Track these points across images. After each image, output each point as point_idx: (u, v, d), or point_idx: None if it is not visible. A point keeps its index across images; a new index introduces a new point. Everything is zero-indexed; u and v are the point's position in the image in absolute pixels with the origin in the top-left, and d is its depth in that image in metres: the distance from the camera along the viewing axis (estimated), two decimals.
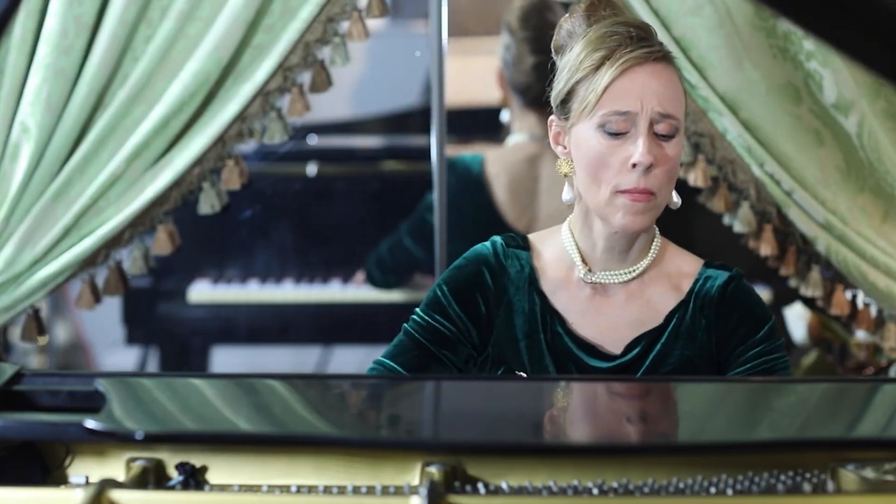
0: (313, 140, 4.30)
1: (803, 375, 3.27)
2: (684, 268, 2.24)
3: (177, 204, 2.69)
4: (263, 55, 2.62)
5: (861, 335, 3.14)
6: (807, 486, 1.76)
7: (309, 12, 2.61)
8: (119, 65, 2.60)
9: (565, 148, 2.19)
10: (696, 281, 2.22)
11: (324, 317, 3.97)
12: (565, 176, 2.20)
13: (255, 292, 3.99)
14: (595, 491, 1.75)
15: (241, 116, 2.64)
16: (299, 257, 4.04)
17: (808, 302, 3.05)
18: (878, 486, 1.75)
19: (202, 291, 4.00)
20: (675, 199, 2.20)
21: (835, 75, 2.59)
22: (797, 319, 3.33)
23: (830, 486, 1.78)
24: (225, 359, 4.47)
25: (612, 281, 2.21)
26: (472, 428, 1.97)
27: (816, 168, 2.66)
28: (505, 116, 3.60)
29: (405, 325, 2.24)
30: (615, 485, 1.77)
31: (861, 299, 2.77)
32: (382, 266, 3.76)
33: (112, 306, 3.80)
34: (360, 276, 3.95)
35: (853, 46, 1.65)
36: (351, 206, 4.00)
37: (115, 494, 1.69)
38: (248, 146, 2.81)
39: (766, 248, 2.73)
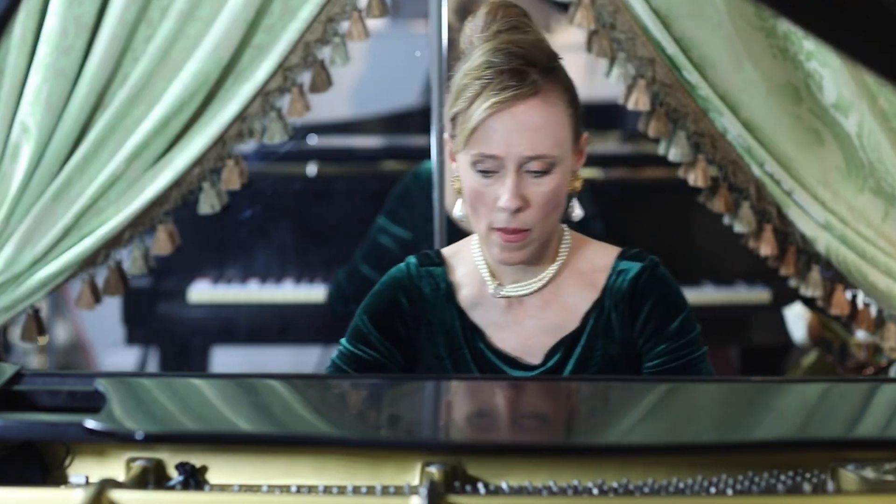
0: (313, 140, 4.30)
1: (803, 375, 3.27)
2: (598, 262, 2.20)
3: (177, 204, 2.69)
4: (263, 55, 2.62)
5: (861, 335, 3.14)
6: (807, 486, 1.76)
7: (309, 12, 2.61)
8: (119, 65, 2.60)
9: (457, 167, 2.15)
10: (610, 275, 2.18)
11: (324, 317, 3.97)
12: (458, 192, 2.16)
13: (255, 292, 3.99)
14: (595, 491, 1.76)
15: (241, 116, 2.64)
16: (299, 257, 4.04)
17: (808, 302, 3.05)
18: (878, 486, 1.75)
19: (202, 291, 4.00)
20: (578, 211, 2.17)
21: (835, 75, 2.59)
22: (797, 319, 3.33)
23: (830, 486, 1.78)
24: (225, 359, 4.47)
25: (521, 293, 2.19)
26: (472, 428, 1.97)
27: (816, 168, 2.66)
28: None
29: (333, 357, 2.23)
30: (615, 485, 1.77)
31: (861, 299, 2.77)
32: (343, 296, 3.74)
33: (112, 306, 3.80)
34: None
35: (853, 46, 1.65)
36: (351, 206, 4.00)
37: (115, 494, 1.69)
38: (248, 146, 2.81)
39: (766, 248, 2.73)
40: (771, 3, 1.66)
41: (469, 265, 2.22)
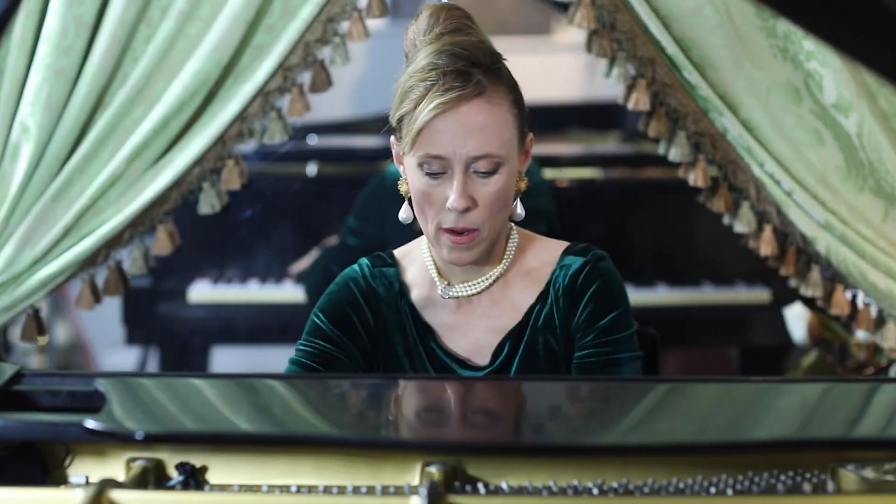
0: (313, 140, 4.30)
1: (803, 375, 3.27)
2: (544, 257, 2.21)
3: (177, 204, 2.69)
4: (263, 55, 2.62)
5: (861, 335, 3.14)
6: (807, 486, 1.76)
7: (309, 12, 2.61)
8: (119, 65, 2.60)
9: (404, 170, 2.16)
10: (554, 270, 2.19)
11: None
12: (405, 195, 2.17)
13: (255, 292, 3.99)
14: (595, 491, 1.76)
15: (241, 116, 2.64)
16: (299, 257, 4.04)
17: (808, 302, 3.05)
18: (878, 486, 1.75)
19: (202, 291, 4.01)
20: (519, 210, 2.18)
21: (835, 75, 2.59)
22: (797, 319, 3.34)
23: (830, 486, 1.78)
24: (225, 359, 4.48)
25: (469, 293, 2.19)
26: (472, 428, 1.97)
27: (816, 168, 2.66)
28: None
29: (291, 356, 2.23)
30: (615, 485, 1.77)
31: (861, 299, 2.77)
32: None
33: (112, 306, 3.80)
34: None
35: (853, 46, 1.65)
36: (351, 206, 4.01)
37: (115, 494, 1.69)
38: (248, 146, 2.81)
39: (766, 248, 2.73)
40: (771, 3, 1.66)
41: (419, 266, 2.23)
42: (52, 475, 1.91)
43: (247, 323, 4.03)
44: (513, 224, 2.21)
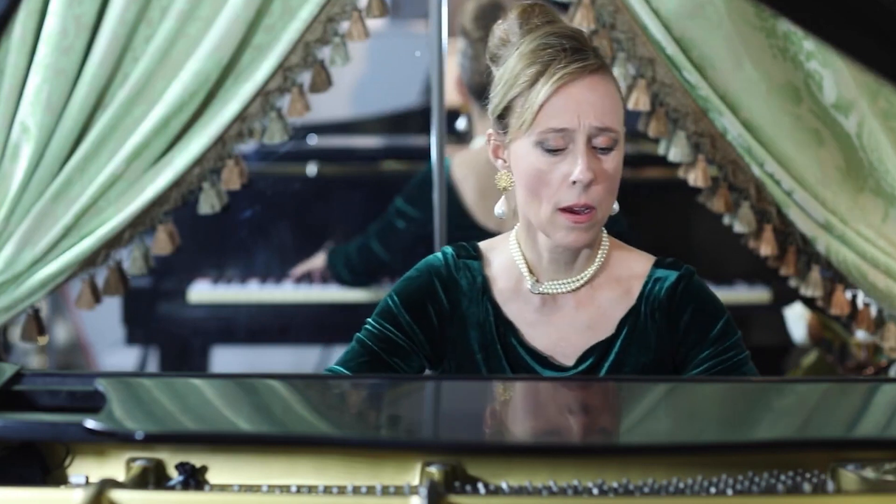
0: (313, 140, 4.30)
1: (803, 375, 3.27)
2: (634, 269, 2.21)
3: (177, 204, 2.69)
4: (263, 55, 2.62)
5: (861, 335, 3.14)
6: (807, 486, 1.76)
7: (309, 12, 2.61)
8: (119, 65, 2.60)
9: (505, 161, 2.16)
10: (646, 283, 2.19)
11: (324, 317, 3.97)
12: (504, 190, 2.17)
13: (255, 292, 3.99)
14: (595, 491, 1.76)
15: (241, 116, 2.64)
16: (299, 257, 4.04)
17: (808, 302, 3.05)
18: (878, 486, 1.75)
19: (202, 291, 4.00)
20: (615, 206, 2.18)
21: (835, 75, 2.59)
22: (797, 319, 3.34)
23: (830, 486, 1.78)
24: (225, 359, 4.47)
25: (559, 291, 2.19)
26: (472, 428, 1.97)
27: (816, 168, 2.66)
28: (461, 124, 3.60)
29: (357, 333, 2.23)
30: (615, 485, 1.77)
31: (861, 299, 2.77)
32: (350, 266, 3.77)
33: (112, 306, 3.80)
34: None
35: (853, 46, 1.65)
36: (351, 206, 4.00)
37: (115, 494, 1.69)
38: (248, 146, 2.81)
39: (766, 248, 2.72)
40: (771, 3, 1.66)
41: (506, 260, 2.22)
42: (52, 475, 1.91)
43: (247, 323, 4.03)
44: (603, 229, 2.21)
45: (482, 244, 2.25)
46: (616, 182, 2.12)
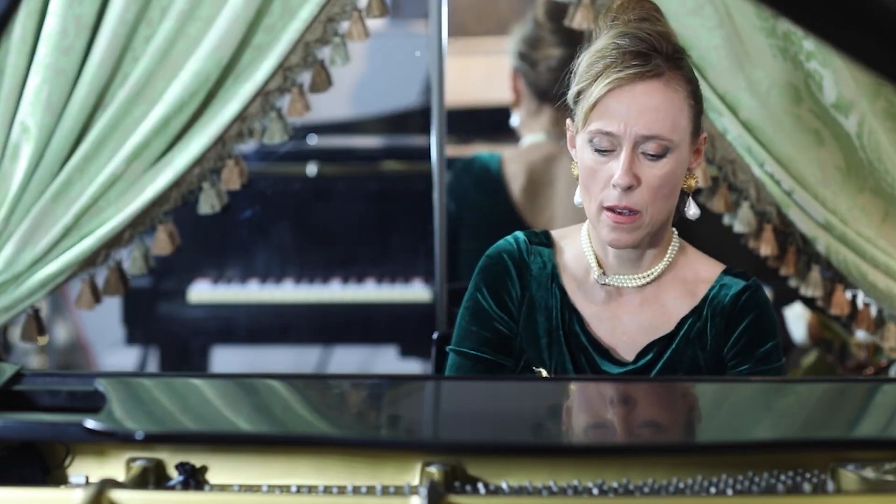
0: (313, 140, 4.30)
1: (803, 375, 3.27)
2: (702, 273, 2.23)
3: (177, 204, 2.69)
4: (263, 55, 2.62)
5: (861, 335, 3.14)
6: (807, 486, 1.76)
7: (309, 12, 2.61)
8: (119, 65, 2.60)
9: (576, 151, 2.20)
10: (712, 288, 2.21)
11: (324, 317, 3.97)
12: (576, 179, 2.20)
13: (255, 292, 3.99)
14: (595, 491, 1.76)
15: (241, 116, 2.64)
16: (299, 257, 4.04)
17: (808, 302, 3.04)
18: (878, 486, 1.75)
19: (202, 291, 4.00)
20: (694, 210, 2.21)
21: (835, 75, 2.59)
22: (797, 319, 3.33)
23: (830, 486, 1.78)
24: (225, 359, 4.47)
25: (626, 285, 2.21)
26: (472, 428, 1.97)
27: (816, 168, 2.66)
28: (515, 120, 3.58)
29: (452, 346, 2.23)
30: (615, 485, 1.77)
31: (861, 299, 2.77)
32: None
33: (112, 306, 3.80)
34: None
35: (853, 46, 1.65)
36: (351, 206, 4.00)
37: (115, 494, 1.69)
38: (248, 146, 2.81)
39: (766, 248, 2.72)
40: (771, 3, 1.66)
41: (576, 250, 2.24)
42: (52, 475, 1.91)
43: (247, 323, 4.03)
44: (675, 231, 2.22)
45: (554, 232, 2.28)
46: (668, 188, 2.13)
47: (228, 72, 2.63)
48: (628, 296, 2.21)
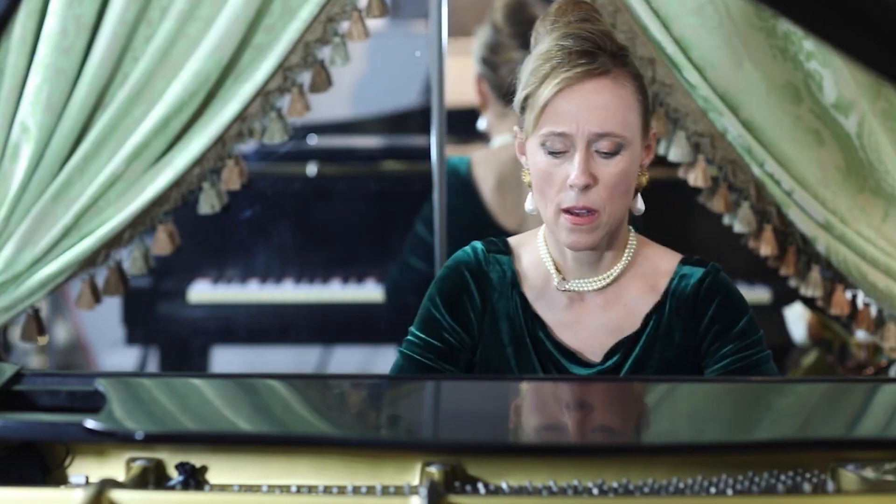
0: (313, 140, 4.30)
1: (803, 375, 3.27)
2: (661, 266, 2.23)
3: (177, 204, 2.69)
4: (263, 55, 2.62)
5: (861, 335, 3.14)
6: (807, 486, 1.76)
7: (309, 12, 2.61)
8: (119, 65, 2.60)
9: (527, 158, 2.18)
10: (672, 280, 2.21)
11: (324, 317, 3.97)
12: (529, 186, 2.19)
13: (255, 292, 3.99)
14: (595, 491, 1.76)
15: (241, 116, 2.64)
16: (299, 257, 4.04)
17: (808, 302, 3.04)
18: (878, 486, 1.75)
19: (202, 291, 4.00)
20: (640, 205, 2.20)
21: (835, 75, 2.59)
22: (797, 319, 3.33)
23: (830, 486, 1.78)
24: (225, 359, 4.47)
25: (586, 289, 2.20)
26: (472, 428, 1.97)
27: (816, 168, 2.66)
28: (482, 124, 3.59)
29: (401, 348, 2.23)
30: (615, 485, 1.77)
31: (861, 299, 2.76)
32: (398, 289, 3.75)
33: (112, 306, 3.80)
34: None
35: (853, 46, 1.65)
36: (351, 206, 4.00)
37: (115, 494, 1.69)
38: (248, 146, 2.80)
39: (766, 248, 2.72)
40: (771, 3, 1.66)
41: (534, 257, 2.23)
42: (52, 475, 1.91)
43: (247, 323, 4.03)
44: (631, 228, 2.22)
45: (511, 239, 2.27)
46: (623, 185, 2.12)
47: (228, 72, 2.63)
48: (590, 299, 2.20)
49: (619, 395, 2.09)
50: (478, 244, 2.24)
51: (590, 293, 2.20)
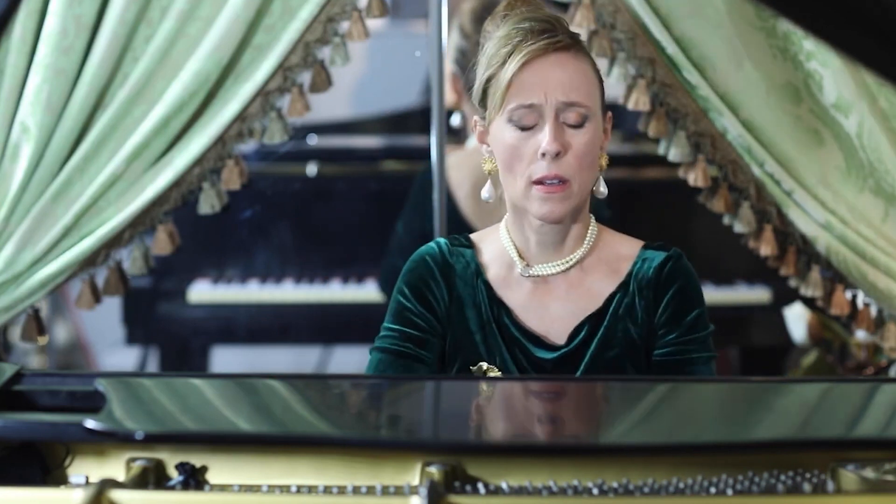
0: (313, 140, 4.30)
1: (803, 375, 3.27)
2: (623, 251, 2.25)
3: (177, 204, 2.69)
4: (263, 55, 2.62)
5: (861, 335, 3.14)
6: (807, 486, 1.76)
7: (309, 12, 2.61)
8: (119, 65, 2.60)
9: (489, 146, 2.23)
10: (635, 263, 2.23)
11: (324, 317, 3.97)
12: (489, 173, 2.24)
13: (255, 292, 3.99)
14: (595, 491, 1.76)
15: (241, 116, 2.64)
16: (299, 257, 4.04)
17: (808, 302, 3.04)
18: (878, 486, 1.75)
19: (202, 291, 4.00)
20: (602, 188, 2.23)
21: (835, 75, 2.59)
22: (797, 319, 3.33)
23: (830, 486, 1.78)
24: (225, 359, 4.47)
25: (549, 272, 2.23)
26: (472, 428, 1.97)
27: (816, 168, 2.66)
28: (456, 120, 3.59)
29: (375, 345, 2.25)
30: (615, 485, 1.77)
31: (861, 299, 2.77)
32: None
33: (112, 306, 3.80)
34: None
35: (853, 46, 1.65)
36: (351, 206, 4.00)
37: (115, 494, 1.69)
38: (248, 146, 2.81)
39: (766, 248, 2.72)
40: (771, 3, 1.66)
41: (497, 247, 2.26)
42: (52, 475, 1.91)
43: (247, 323, 4.03)
44: (591, 214, 2.25)
45: (473, 235, 2.31)
46: (590, 157, 2.16)
47: (228, 72, 2.63)
48: (554, 283, 2.23)
49: (619, 395, 2.09)
50: (441, 240, 2.29)
51: (553, 277, 2.23)
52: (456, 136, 3.82)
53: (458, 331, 2.24)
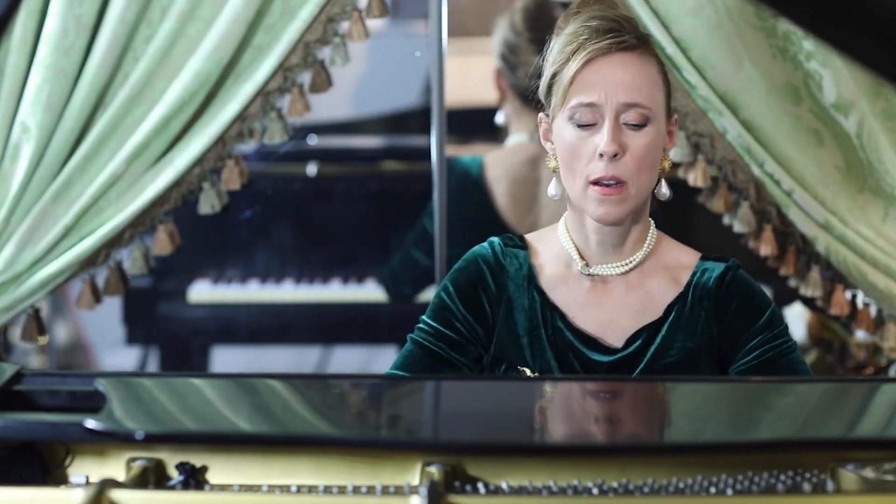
0: (313, 140, 4.30)
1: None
2: (682, 260, 2.26)
3: (177, 204, 2.69)
4: (263, 55, 2.62)
5: (861, 335, 3.14)
6: (807, 486, 1.76)
7: (309, 12, 2.61)
8: (119, 65, 2.60)
9: (552, 143, 2.22)
10: (694, 273, 2.23)
11: (324, 317, 3.97)
12: (554, 171, 2.23)
13: (255, 292, 3.99)
14: (595, 491, 1.76)
15: (241, 116, 2.64)
16: (299, 257, 4.04)
17: (808, 302, 3.05)
18: (878, 486, 1.75)
19: (202, 291, 4.00)
20: (665, 190, 2.23)
21: (835, 75, 2.59)
22: (797, 319, 3.33)
23: (830, 486, 1.78)
24: (225, 359, 4.47)
25: (609, 273, 2.22)
26: (472, 428, 1.97)
27: (816, 168, 2.66)
28: (500, 118, 3.59)
29: (412, 335, 2.25)
30: (615, 485, 1.77)
31: (861, 299, 2.77)
32: (396, 279, 3.75)
33: (112, 306, 3.80)
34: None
35: (853, 46, 1.65)
36: (351, 206, 4.00)
37: (115, 494, 1.69)
38: (248, 146, 2.81)
39: (766, 248, 2.73)
40: (771, 3, 1.66)
41: (553, 248, 2.26)
42: (52, 475, 1.91)
43: (247, 323, 4.03)
44: (651, 220, 2.25)
45: (528, 235, 2.30)
46: (650, 159, 2.16)
47: (228, 72, 2.63)
48: (613, 284, 2.23)
49: (619, 394, 2.09)
50: (495, 239, 2.28)
51: (612, 278, 2.22)
52: (462, 138, 3.82)
53: (504, 334, 2.22)
